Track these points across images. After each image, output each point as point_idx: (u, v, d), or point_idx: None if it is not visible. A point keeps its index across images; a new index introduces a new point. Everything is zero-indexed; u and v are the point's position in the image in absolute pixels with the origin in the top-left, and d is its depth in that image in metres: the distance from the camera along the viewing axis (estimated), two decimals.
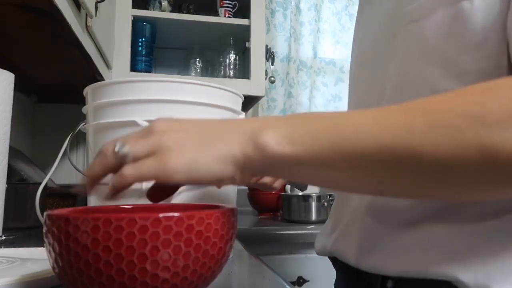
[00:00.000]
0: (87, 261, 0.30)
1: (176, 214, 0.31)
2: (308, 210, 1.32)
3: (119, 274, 0.30)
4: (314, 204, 1.32)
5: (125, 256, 0.30)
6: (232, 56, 1.54)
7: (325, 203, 1.32)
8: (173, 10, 1.49)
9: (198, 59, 1.57)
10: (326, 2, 1.93)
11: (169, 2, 1.48)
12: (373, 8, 0.58)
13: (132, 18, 1.37)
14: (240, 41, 1.52)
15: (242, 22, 1.47)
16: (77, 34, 0.81)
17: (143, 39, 1.45)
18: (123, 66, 1.33)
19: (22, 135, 1.42)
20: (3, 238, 0.75)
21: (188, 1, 1.53)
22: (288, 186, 1.44)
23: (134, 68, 1.40)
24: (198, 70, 1.57)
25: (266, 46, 1.50)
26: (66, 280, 0.33)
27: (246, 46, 1.49)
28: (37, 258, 0.54)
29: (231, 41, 1.54)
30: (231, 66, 1.54)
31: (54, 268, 0.33)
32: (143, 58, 1.45)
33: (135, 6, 1.38)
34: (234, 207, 0.38)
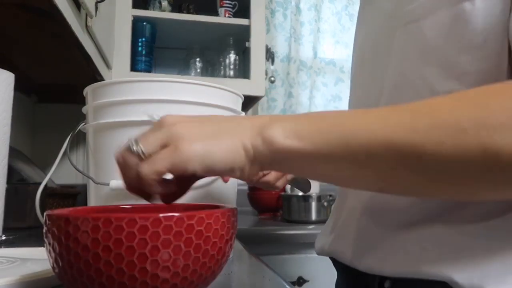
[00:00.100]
0: (87, 261, 0.30)
1: (176, 214, 0.31)
2: (308, 210, 1.32)
3: (119, 274, 0.30)
4: (314, 204, 1.32)
5: (125, 256, 0.30)
6: (232, 56, 1.54)
7: (325, 203, 1.32)
8: (173, 10, 1.49)
9: (198, 59, 1.57)
10: (326, 2, 1.93)
11: (169, 2, 1.48)
12: (373, 7, 0.58)
13: (132, 18, 1.37)
14: (240, 41, 1.52)
15: (242, 22, 1.47)
16: (77, 34, 0.81)
17: (143, 39, 1.45)
18: (123, 66, 1.33)
19: (22, 135, 1.42)
20: (3, 238, 0.75)
21: (188, 1, 1.53)
22: (288, 186, 1.44)
23: (134, 68, 1.40)
24: (198, 70, 1.57)
25: (266, 46, 1.50)
26: (66, 280, 0.33)
27: (246, 46, 1.49)
28: (37, 258, 0.54)
29: (231, 41, 1.54)
30: (231, 66, 1.54)
31: (54, 268, 0.33)
32: (143, 58, 1.45)
33: (135, 6, 1.38)
34: (234, 207, 0.38)
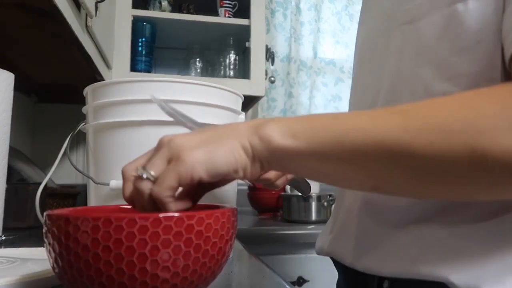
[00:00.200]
0: (87, 261, 0.30)
1: (176, 214, 0.31)
2: (308, 210, 1.32)
3: (119, 274, 0.30)
4: (314, 204, 1.31)
5: (125, 256, 0.30)
6: (232, 56, 1.54)
7: (325, 203, 1.32)
8: (173, 10, 1.49)
9: (198, 59, 1.57)
10: (326, 2, 1.93)
11: (169, 2, 1.48)
12: (374, 7, 0.58)
13: (132, 18, 1.37)
14: (240, 41, 1.52)
15: (242, 22, 1.47)
16: (77, 34, 0.81)
17: (143, 39, 1.45)
18: (123, 66, 1.33)
19: (22, 135, 1.42)
20: (3, 238, 0.75)
21: (188, 1, 1.53)
22: (288, 186, 1.44)
23: (134, 68, 1.40)
24: (198, 70, 1.57)
25: (266, 46, 1.50)
26: (66, 280, 0.33)
27: (246, 46, 1.49)
28: (37, 258, 0.54)
29: (231, 41, 1.54)
30: (231, 66, 1.54)
31: (54, 268, 0.33)
32: (143, 58, 1.45)
33: (135, 6, 1.38)
34: (234, 207, 0.38)
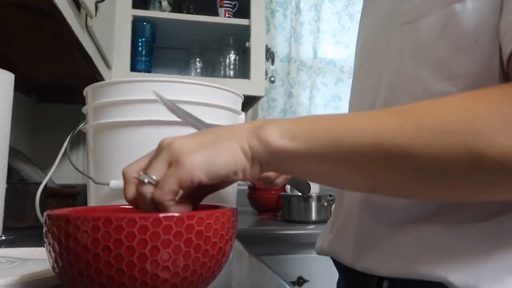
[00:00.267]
0: (87, 261, 0.30)
1: (176, 214, 0.31)
2: (308, 210, 1.32)
3: (119, 274, 0.30)
4: (314, 204, 1.31)
5: (125, 256, 0.30)
6: (232, 56, 1.54)
7: (325, 203, 1.32)
8: (173, 10, 1.49)
9: (198, 59, 1.57)
10: (326, 2, 1.93)
11: (169, 2, 1.48)
12: (375, 7, 0.58)
13: (132, 18, 1.37)
14: (240, 41, 1.52)
15: (242, 22, 1.47)
16: (77, 34, 0.81)
17: (143, 39, 1.45)
18: (123, 66, 1.33)
19: (22, 135, 1.42)
20: (3, 238, 0.75)
21: (188, 1, 1.53)
22: (288, 186, 1.44)
23: (134, 68, 1.40)
24: (198, 70, 1.57)
25: (266, 46, 1.50)
26: (66, 280, 0.33)
27: (246, 46, 1.49)
28: (37, 258, 0.54)
29: (231, 41, 1.54)
30: (231, 66, 1.54)
31: (54, 268, 0.33)
32: (143, 58, 1.45)
33: (135, 6, 1.38)
34: (234, 207, 0.38)
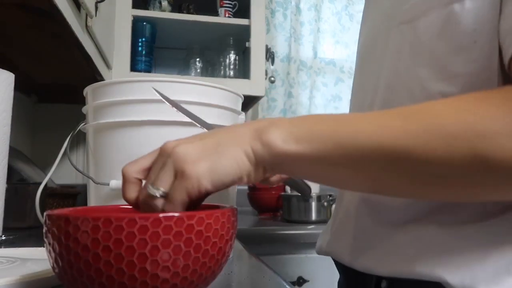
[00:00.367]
0: (87, 261, 0.30)
1: (176, 214, 0.31)
2: (308, 210, 1.31)
3: (119, 274, 0.30)
4: (314, 204, 1.31)
5: (125, 256, 0.30)
6: (232, 56, 1.54)
7: (325, 203, 1.32)
8: (173, 10, 1.49)
9: (198, 59, 1.57)
10: (326, 2, 1.93)
11: (169, 2, 1.48)
12: (375, 6, 0.58)
13: (132, 18, 1.37)
14: (240, 41, 1.52)
15: (242, 22, 1.47)
16: (77, 34, 0.81)
17: (143, 39, 1.45)
18: (123, 66, 1.33)
19: (22, 135, 1.42)
20: (3, 238, 0.75)
21: (188, 1, 1.53)
22: (288, 187, 1.44)
23: (134, 68, 1.40)
24: (198, 70, 1.57)
25: (266, 46, 1.50)
26: (66, 280, 0.33)
27: (246, 46, 1.49)
28: (37, 258, 0.53)
29: (231, 41, 1.54)
30: (231, 66, 1.54)
31: (54, 268, 0.33)
32: (143, 58, 1.45)
33: (135, 6, 1.38)
34: (234, 207, 0.38)
